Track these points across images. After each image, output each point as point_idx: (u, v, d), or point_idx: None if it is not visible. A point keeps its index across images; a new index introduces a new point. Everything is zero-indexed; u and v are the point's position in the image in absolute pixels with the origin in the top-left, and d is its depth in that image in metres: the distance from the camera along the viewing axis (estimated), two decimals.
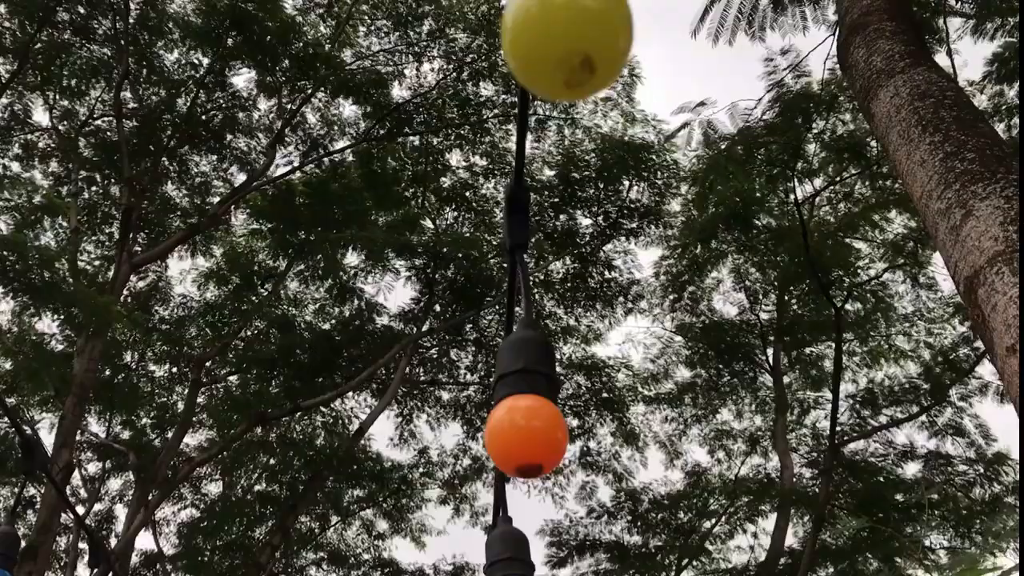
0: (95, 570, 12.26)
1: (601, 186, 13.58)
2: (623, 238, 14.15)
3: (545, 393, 1.29)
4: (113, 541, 15.11)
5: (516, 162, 1.48)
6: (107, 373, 13.73)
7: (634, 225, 13.94)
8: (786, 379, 14.80)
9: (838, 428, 12.97)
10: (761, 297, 14.74)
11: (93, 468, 15.48)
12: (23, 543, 10.54)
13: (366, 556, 17.31)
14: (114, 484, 16.07)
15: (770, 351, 14.60)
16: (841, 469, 13.72)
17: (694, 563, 15.82)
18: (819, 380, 15.10)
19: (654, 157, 13.19)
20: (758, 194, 11.61)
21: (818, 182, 12.75)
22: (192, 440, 14.88)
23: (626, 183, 13.52)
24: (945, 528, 13.97)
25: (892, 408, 14.50)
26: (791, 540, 14.38)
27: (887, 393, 14.54)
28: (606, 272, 14.31)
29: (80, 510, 14.31)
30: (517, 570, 1.57)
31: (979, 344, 13.49)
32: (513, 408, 1.29)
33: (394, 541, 17.28)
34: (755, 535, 15.51)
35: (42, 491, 11.77)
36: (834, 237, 13.11)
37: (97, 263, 13.95)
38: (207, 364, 13.75)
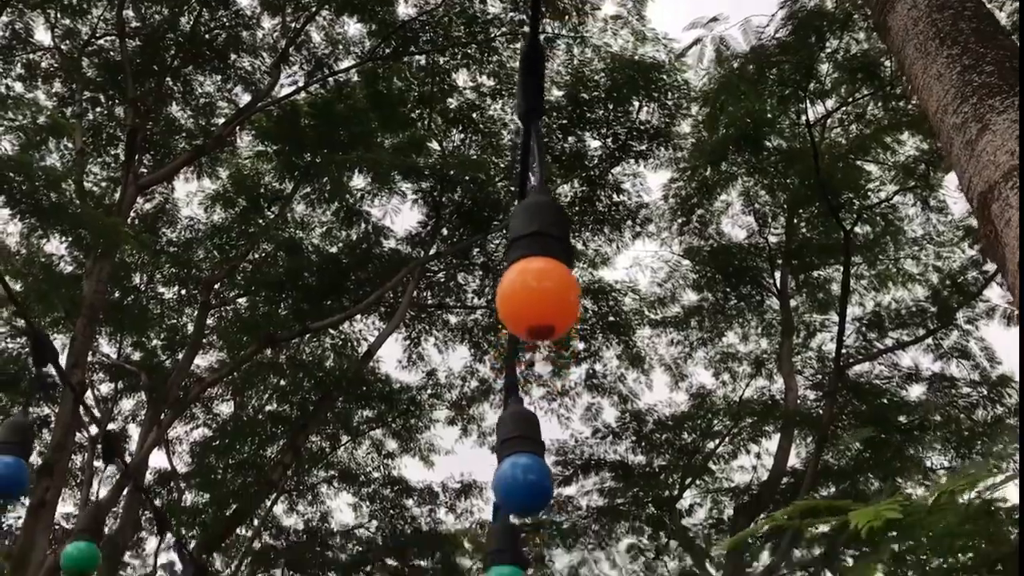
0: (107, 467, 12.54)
1: (610, 107, 13.41)
2: (632, 160, 14.02)
3: (558, 255, 1.28)
4: (128, 459, 15.43)
5: (531, 20, 1.42)
6: (116, 295, 13.82)
7: (643, 147, 13.80)
8: (793, 302, 14.83)
9: (844, 351, 13.03)
10: (770, 220, 14.66)
11: (106, 389, 15.72)
12: (40, 461, 10.76)
13: (376, 474, 17.68)
14: (127, 404, 16.36)
15: (777, 274, 14.59)
16: (845, 391, 13.85)
17: (697, 482, 16.10)
18: (826, 303, 15.13)
19: (665, 77, 12.98)
20: (769, 115, 11.44)
21: (830, 103, 12.55)
22: (203, 361, 15.07)
23: (635, 104, 13.35)
24: (947, 449, 14.16)
25: (898, 331, 14.56)
26: (793, 461, 14.60)
27: (893, 316, 14.58)
28: (614, 195, 14.23)
29: (93, 430, 14.56)
30: (527, 447, 1.55)
31: (988, 267, 13.46)
32: (525, 270, 1.27)
33: (403, 460, 17.62)
34: (758, 456, 15.75)
35: (56, 410, 11.98)
36: (845, 159, 12.97)
37: (104, 184, 13.92)
38: (215, 286, 13.82)
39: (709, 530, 16.64)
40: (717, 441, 15.59)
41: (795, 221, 14.22)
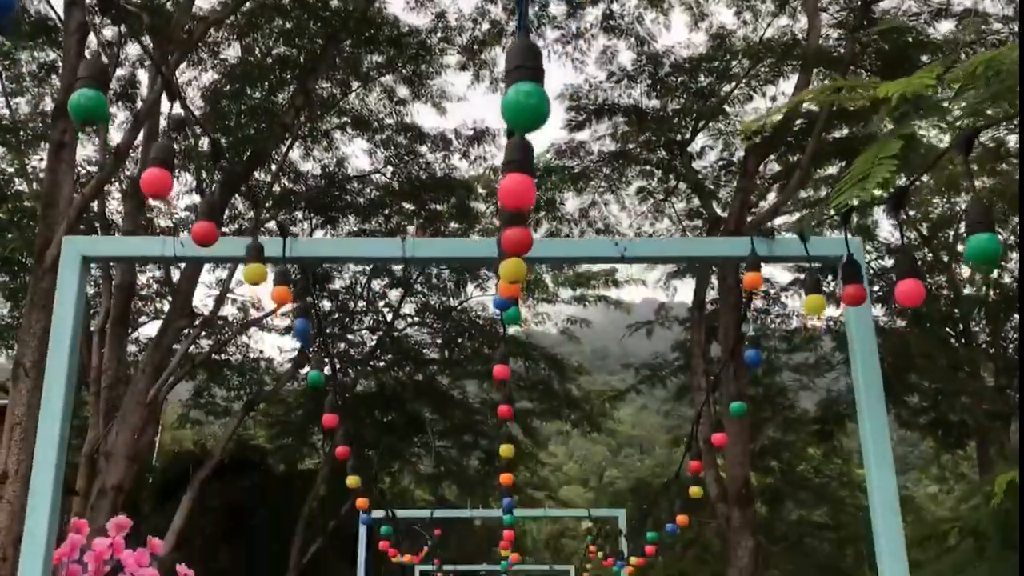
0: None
1: None
2: None
3: None
4: (139, 104, 15.43)
5: None
6: None
7: None
8: None
9: None
10: None
11: (109, 32, 15.28)
12: (53, 104, 10.69)
13: (389, 121, 17.69)
14: (133, 50, 16.00)
15: None
16: (869, 28, 13.33)
17: (710, 125, 16.07)
18: None
19: None
20: None
21: None
22: (205, 3, 14.50)
23: None
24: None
25: None
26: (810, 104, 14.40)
27: None
28: None
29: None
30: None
31: None
32: None
33: (415, 107, 17.53)
34: (773, 98, 15.57)
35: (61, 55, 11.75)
36: None
37: None
38: None
39: (719, 172, 16.91)
40: (734, 84, 15.33)
41: None
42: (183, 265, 15.48)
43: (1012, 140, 14.38)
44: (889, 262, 18.69)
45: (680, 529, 6.13)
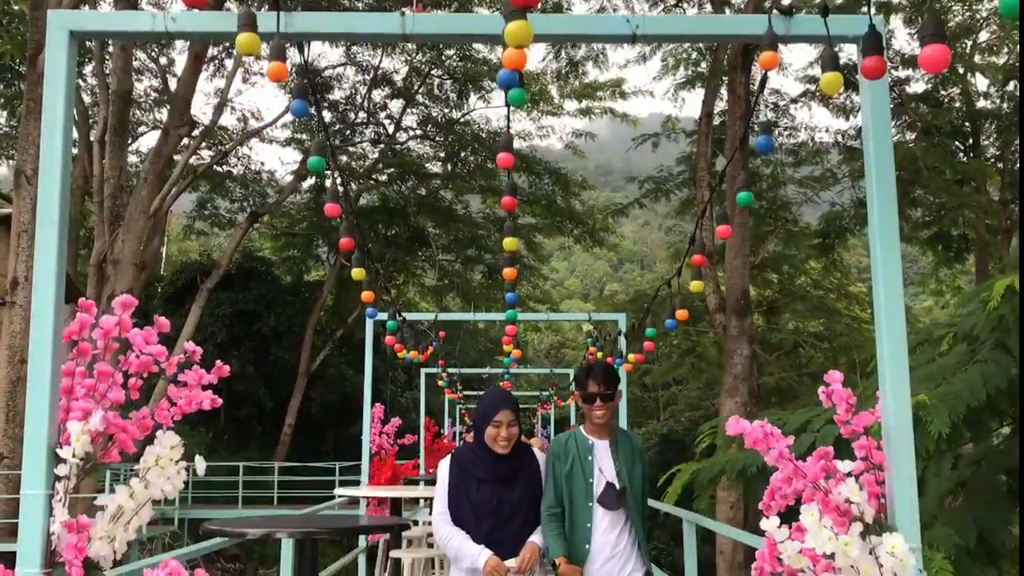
0: None
1: None
2: None
3: None
4: None
5: None
6: None
7: None
8: None
9: None
10: None
11: None
12: None
13: None
14: None
15: None
16: None
17: None
18: None
19: None
20: None
21: None
22: None
23: None
24: None
25: None
26: None
27: None
28: None
29: None
30: None
31: None
32: None
33: None
34: None
35: None
36: None
37: None
38: None
39: None
40: None
41: None
42: (180, 71, 15.11)
43: None
44: (903, 72, 18.20)
45: (678, 332, 6.23)
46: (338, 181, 3.82)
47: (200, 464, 2.58)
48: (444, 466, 3.78)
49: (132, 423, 2.52)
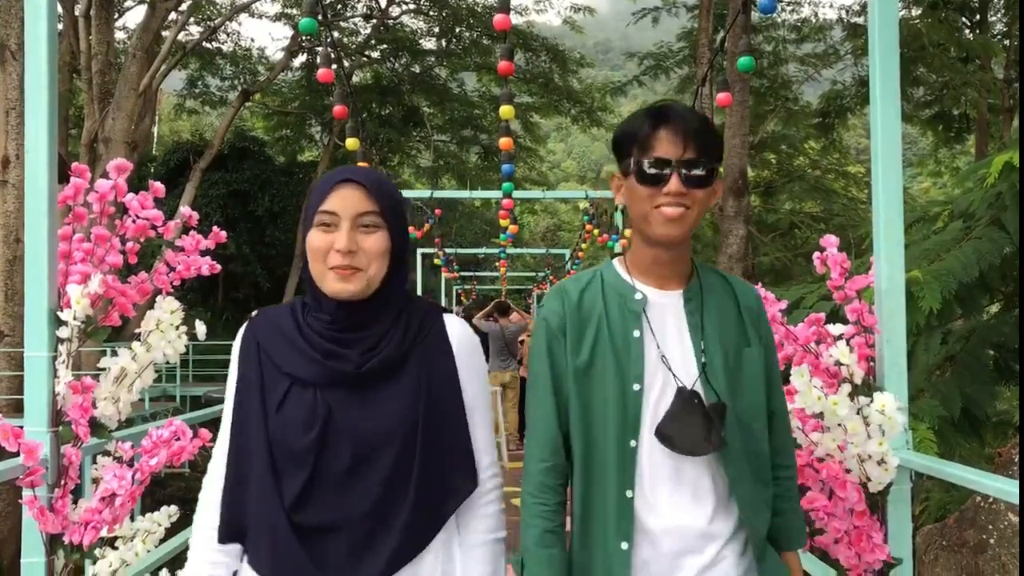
0: None
1: None
2: None
3: None
4: None
5: None
6: None
7: None
8: None
9: None
10: None
11: None
12: None
13: None
14: None
15: None
16: None
17: None
18: None
19: None
20: None
21: None
22: None
23: None
24: None
25: None
26: None
27: None
28: None
29: None
30: None
31: None
32: None
33: None
34: None
35: None
36: None
37: None
38: None
39: None
40: None
41: None
42: None
43: None
44: None
45: None
46: (330, 48, 3.73)
47: (200, 328, 2.61)
48: (235, 347, 1.73)
49: (131, 287, 2.54)
